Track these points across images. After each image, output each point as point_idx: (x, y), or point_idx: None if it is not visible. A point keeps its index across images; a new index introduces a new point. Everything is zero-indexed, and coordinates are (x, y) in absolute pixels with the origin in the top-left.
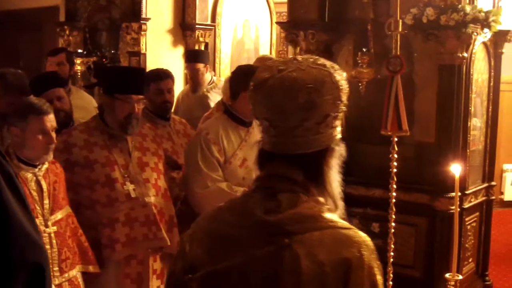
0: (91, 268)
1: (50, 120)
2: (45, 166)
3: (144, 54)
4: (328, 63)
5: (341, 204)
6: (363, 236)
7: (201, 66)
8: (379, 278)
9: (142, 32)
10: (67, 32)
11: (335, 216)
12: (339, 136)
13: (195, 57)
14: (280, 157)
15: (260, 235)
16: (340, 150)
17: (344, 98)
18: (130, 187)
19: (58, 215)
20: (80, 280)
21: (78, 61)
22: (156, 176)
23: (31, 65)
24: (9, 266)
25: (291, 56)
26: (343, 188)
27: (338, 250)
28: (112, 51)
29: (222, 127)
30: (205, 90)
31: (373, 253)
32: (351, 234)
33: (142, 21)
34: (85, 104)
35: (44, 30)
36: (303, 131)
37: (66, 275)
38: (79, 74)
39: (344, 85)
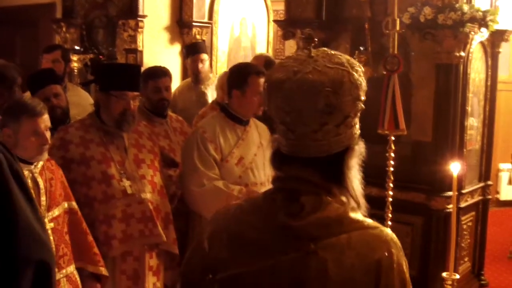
0: (90, 268)
1: (44, 121)
2: (41, 163)
3: (141, 52)
4: (344, 59)
5: (363, 202)
6: (390, 234)
7: (205, 56)
8: (408, 275)
9: (139, 29)
10: (64, 29)
11: (359, 215)
12: (358, 132)
13: (197, 49)
14: (299, 159)
15: (285, 240)
16: (360, 149)
17: (363, 95)
18: (126, 183)
19: (55, 212)
20: (77, 276)
21: (74, 58)
22: (152, 173)
23: (27, 62)
24: (16, 263)
25: (306, 51)
26: None
27: (367, 253)
28: (109, 48)
29: (219, 125)
30: (203, 87)
31: (401, 250)
32: (378, 234)
33: (139, 18)
34: (81, 101)
35: (41, 27)
36: (323, 135)
37: (64, 271)
38: (75, 71)
39: (362, 82)
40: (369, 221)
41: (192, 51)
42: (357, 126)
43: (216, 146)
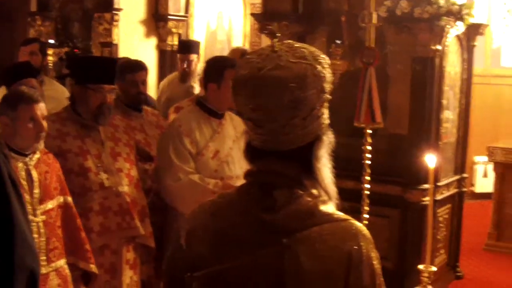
0: (80, 264)
1: (40, 108)
2: (37, 156)
3: (117, 45)
4: (307, 52)
5: (334, 193)
6: (359, 226)
7: (194, 57)
8: (377, 267)
9: (115, 23)
10: (39, 22)
11: (330, 207)
12: (326, 122)
13: (189, 48)
14: (270, 153)
15: (261, 235)
16: (329, 139)
17: (328, 86)
18: (103, 176)
19: (49, 205)
20: (67, 270)
21: (50, 51)
22: (129, 167)
23: (2, 55)
24: (11, 270)
25: (269, 46)
26: None
27: (337, 245)
28: (84, 42)
29: (195, 119)
30: (192, 81)
31: (371, 242)
32: (348, 226)
33: (114, 12)
34: (58, 95)
35: (15, 20)
36: (290, 128)
37: (54, 264)
38: (50, 64)
39: (326, 73)
40: (339, 213)
41: (182, 50)
42: (325, 116)
43: (192, 139)
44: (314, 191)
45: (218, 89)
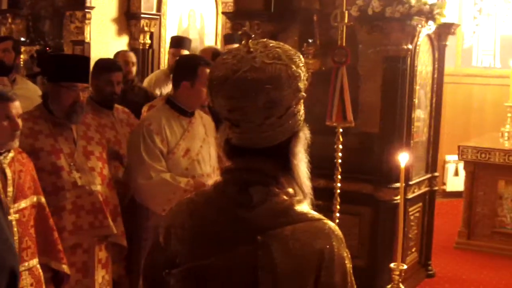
0: (52, 264)
1: (16, 107)
2: (11, 155)
3: (88, 43)
4: (282, 51)
5: (309, 192)
6: (332, 226)
7: (185, 52)
8: (349, 266)
9: (86, 21)
10: (10, 19)
11: (305, 207)
12: (302, 118)
13: (180, 43)
14: (248, 150)
15: (237, 232)
16: (305, 135)
17: (303, 84)
18: (76, 175)
19: (22, 204)
20: (40, 270)
21: (21, 49)
22: (101, 165)
23: None
24: None
25: (244, 46)
26: None
27: (310, 243)
28: (56, 40)
29: (165, 117)
30: None
31: (343, 242)
32: (321, 226)
33: (86, 10)
34: (30, 94)
35: None
36: (267, 127)
37: (26, 264)
38: (21, 62)
39: (301, 72)
40: (313, 213)
41: (175, 44)
42: (301, 112)
43: (163, 138)
44: (290, 190)
45: (191, 87)
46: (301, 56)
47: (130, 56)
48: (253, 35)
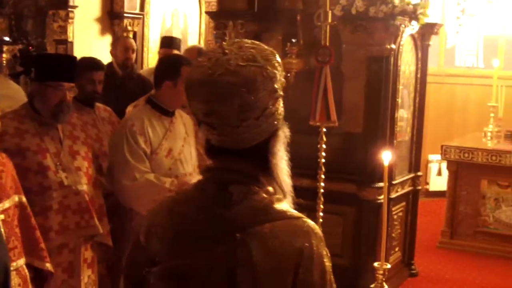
0: (35, 263)
1: None
2: None
3: (71, 43)
4: (256, 52)
5: (289, 191)
6: (311, 225)
7: (175, 52)
8: (328, 265)
9: (70, 20)
10: None
11: (285, 205)
12: (281, 117)
13: (170, 44)
14: (227, 150)
15: (216, 230)
16: (284, 133)
17: (280, 85)
18: (62, 175)
19: (6, 204)
20: (26, 270)
21: (3, 48)
22: (87, 165)
23: None
24: None
25: (219, 47)
26: None
27: (289, 241)
28: (39, 39)
29: (147, 117)
30: None
31: (322, 240)
32: (300, 224)
33: (69, 9)
34: (12, 94)
35: None
36: (244, 129)
37: (14, 264)
38: (4, 62)
39: (277, 72)
40: (293, 211)
41: (166, 45)
42: (279, 110)
43: (146, 138)
44: (270, 189)
45: (174, 87)
46: (277, 56)
47: (131, 42)
48: (227, 38)
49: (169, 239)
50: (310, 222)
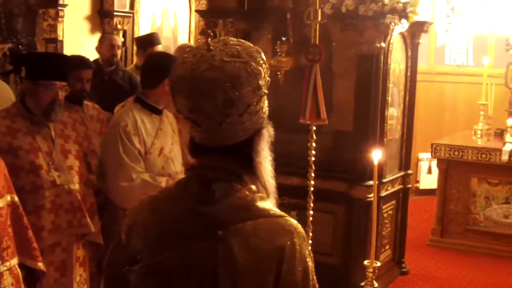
0: (27, 262)
1: None
2: None
3: (61, 41)
4: (241, 48)
5: (272, 190)
6: (294, 223)
7: (159, 47)
8: (310, 264)
9: (59, 19)
10: None
11: (268, 204)
12: (265, 116)
13: (152, 42)
14: (210, 148)
15: (197, 227)
16: (268, 132)
17: (264, 82)
18: (55, 174)
19: None
20: (19, 270)
21: None
22: (79, 164)
23: None
24: None
25: (204, 44)
26: None
27: (271, 239)
28: (29, 38)
29: (139, 117)
30: None
31: (305, 240)
32: (283, 223)
33: (59, 7)
34: (2, 93)
35: None
36: (228, 125)
37: (8, 263)
38: None
39: (262, 69)
40: (275, 210)
41: (149, 44)
42: (264, 109)
43: (140, 138)
44: (253, 187)
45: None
46: (262, 53)
47: (116, 39)
48: (211, 34)
49: (150, 237)
50: (293, 221)
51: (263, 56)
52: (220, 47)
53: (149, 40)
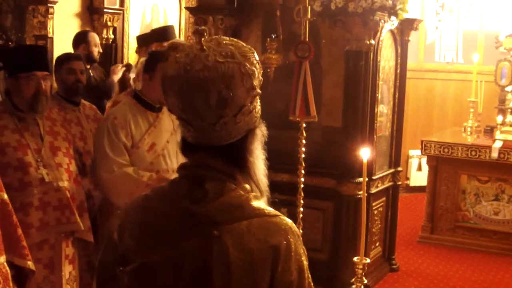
0: (15, 261)
1: None
2: None
3: (51, 38)
4: (235, 48)
5: (265, 189)
6: (289, 223)
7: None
8: (305, 262)
9: (49, 16)
10: None
11: (261, 203)
12: (258, 115)
13: (166, 35)
14: (203, 148)
15: (190, 226)
16: (261, 132)
17: (258, 82)
18: (43, 171)
19: None
20: (7, 268)
21: None
22: (68, 161)
23: None
24: None
25: (197, 43)
26: None
27: (266, 238)
28: (18, 34)
29: (130, 111)
30: None
31: (299, 238)
32: (278, 222)
33: (49, 4)
34: None
35: None
36: (221, 126)
37: None
38: None
39: (256, 69)
40: (269, 209)
41: (156, 39)
42: (257, 109)
43: (127, 132)
44: (247, 186)
45: (150, 80)
46: (255, 53)
47: (93, 36)
48: (206, 34)
49: (142, 236)
50: (288, 220)
51: (256, 56)
52: (214, 47)
53: (162, 34)
